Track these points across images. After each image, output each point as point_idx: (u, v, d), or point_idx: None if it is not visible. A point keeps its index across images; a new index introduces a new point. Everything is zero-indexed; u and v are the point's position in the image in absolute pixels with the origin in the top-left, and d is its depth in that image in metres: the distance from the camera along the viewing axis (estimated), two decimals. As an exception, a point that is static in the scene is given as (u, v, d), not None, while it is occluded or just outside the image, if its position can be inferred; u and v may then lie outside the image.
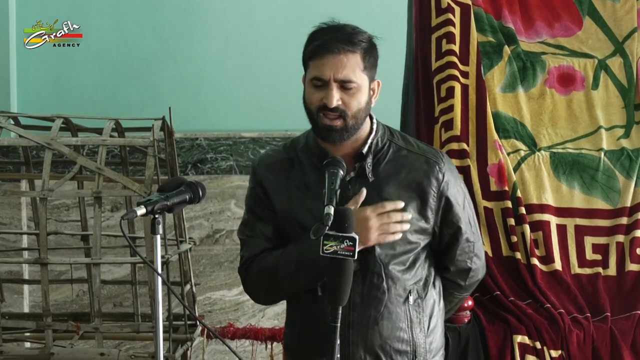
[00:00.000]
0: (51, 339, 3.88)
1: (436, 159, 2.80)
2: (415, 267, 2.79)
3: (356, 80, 2.66)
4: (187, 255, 4.37)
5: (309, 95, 2.70)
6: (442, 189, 2.78)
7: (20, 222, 5.29)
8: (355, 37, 2.68)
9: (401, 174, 2.75)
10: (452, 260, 2.88)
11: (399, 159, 2.77)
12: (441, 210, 2.80)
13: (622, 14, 3.94)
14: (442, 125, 3.74)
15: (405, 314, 2.77)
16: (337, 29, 2.72)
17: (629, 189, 3.70)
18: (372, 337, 2.74)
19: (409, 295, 2.77)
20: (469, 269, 2.91)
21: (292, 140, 2.88)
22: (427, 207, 2.77)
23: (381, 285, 2.73)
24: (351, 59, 2.65)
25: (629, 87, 3.86)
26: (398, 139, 2.82)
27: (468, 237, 2.86)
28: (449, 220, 2.82)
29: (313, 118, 2.70)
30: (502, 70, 3.87)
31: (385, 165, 2.76)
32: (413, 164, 2.77)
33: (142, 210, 2.54)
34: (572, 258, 3.62)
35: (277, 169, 2.81)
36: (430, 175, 2.77)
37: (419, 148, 2.82)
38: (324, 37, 2.69)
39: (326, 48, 2.66)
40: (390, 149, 2.78)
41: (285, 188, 2.78)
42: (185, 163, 5.35)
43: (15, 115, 4.39)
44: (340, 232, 2.49)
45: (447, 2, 3.82)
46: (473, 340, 3.38)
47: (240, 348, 4.72)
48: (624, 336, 3.39)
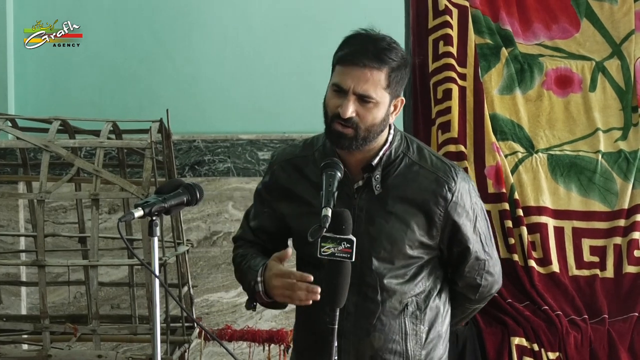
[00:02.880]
0: (49, 341, 3.87)
1: (447, 178, 2.72)
2: (416, 279, 2.75)
3: (375, 97, 2.60)
4: (184, 257, 4.36)
5: (328, 98, 2.66)
6: (450, 210, 2.71)
7: (18, 224, 5.28)
8: (387, 54, 2.61)
9: (408, 190, 2.70)
10: (460, 276, 2.82)
11: (409, 174, 2.71)
12: (447, 230, 2.73)
13: (620, 16, 3.95)
14: (439, 127, 3.74)
15: (400, 326, 2.74)
16: (372, 40, 2.63)
17: (626, 191, 3.70)
18: (364, 348, 2.73)
19: (406, 307, 2.74)
20: (479, 285, 2.84)
21: (312, 138, 2.85)
22: (433, 225, 2.71)
23: (375, 298, 2.72)
24: (375, 76, 2.60)
25: (626, 89, 3.86)
26: (413, 152, 2.75)
27: (478, 255, 2.79)
28: (457, 239, 2.76)
29: (327, 121, 2.67)
30: (500, 72, 3.87)
31: (394, 179, 2.71)
32: (422, 182, 2.71)
33: (140, 213, 2.54)
34: (569, 260, 3.63)
35: (292, 167, 2.79)
36: (437, 195, 2.70)
37: (432, 165, 2.74)
38: (355, 46, 2.62)
39: (352, 59, 2.60)
40: (402, 163, 2.73)
41: (297, 188, 2.76)
42: (182, 165, 5.35)
43: (13, 117, 4.39)
44: (337, 234, 2.49)
45: (445, 4, 3.83)
46: (471, 342, 3.39)
47: (237, 350, 4.72)
48: (622, 338, 3.39)
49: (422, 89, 3.82)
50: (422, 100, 3.81)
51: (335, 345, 2.53)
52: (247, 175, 5.37)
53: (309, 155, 2.79)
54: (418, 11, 3.88)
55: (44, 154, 3.90)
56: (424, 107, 3.80)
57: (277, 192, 2.82)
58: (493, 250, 2.86)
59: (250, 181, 5.35)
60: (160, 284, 2.61)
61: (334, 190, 2.56)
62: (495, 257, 2.87)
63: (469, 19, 3.86)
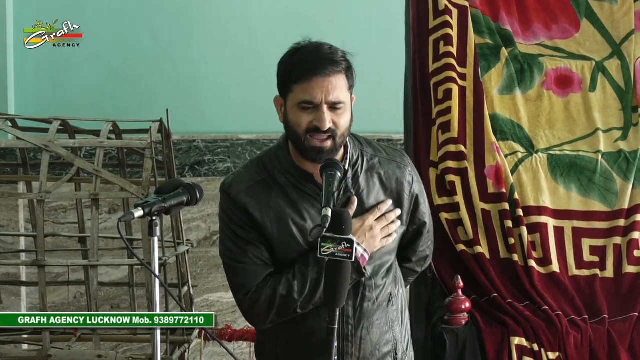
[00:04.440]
0: (49, 341, 3.88)
1: (404, 162, 2.83)
2: (392, 270, 2.84)
3: (344, 100, 2.63)
4: (184, 257, 4.37)
5: (296, 118, 2.63)
6: (413, 190, 2.83)
7: (18, 224, 5.28)
8: (336, 56, 2.64)
9: (377, 183, 2.77)
10: (414, 252, 2.94)
11: (372, 168, 2.78)
12: (411, 210, 2.85)
13: (620, 16, 3.94)
14: (440, 128, 3.74)
15: (387, 316, 2.81)
16: (317, 49, 2.66)
17: (626, 191, 3.70)
18: (365, 347, 2.77)
19: (390, 298, 2.81)
20: (427, 256, 2.99)
21: (258, 161, 2.77)
22: (404, 210, 2.81)
23: (371, 297, 2.77)
24: (339, 80, 2.62)
25: (626, 89, 3.86)
26: (366, 147, 2.81)
27: (429, 229, 2.93)
28: (416, 217, 2.87)
29: (300, 140, 2.64)
30: (500, 72, 3.87)
31: (362, 177, 2.75)
32: (387, 172, 2.79)
33: (140, 212, 2.54)
34: (569, 260, 3.63)
35: (257, 192, 2.71)
36: (403, 180, 2.80)
37: (387, 154, 2.82)
38: (307, 60, 2.63)
39: (314, 71, 2.60)
40: (363, 159, 2.77)
41: (272, 209, 2.70)
42: (182, 165, 5.35)
43: (13, 117, 4.39)
44: (337, 234, 2.50)
45: (445, 4, 3.83)
46: (470, 343, 3.38)
47: (237, 350, 4.72)
48: (622, 338, 3.39)
49: (422, 89, 3.82)
50: (422, 101, 3.81)
51: (335, 345, 2.53)
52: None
53: (267, 178, 2.72)
54: (418, 11, 3.88)
55: (44, 154, 3.90)
56: (424, 107, 3.80)
57: (252, 219, 2.70)
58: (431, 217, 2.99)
59: (250, 181, 5.35)
60: (160, 284, 2.62)
61: (334, 190, 2.57)
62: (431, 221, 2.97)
63: (469, 19, 3.86)
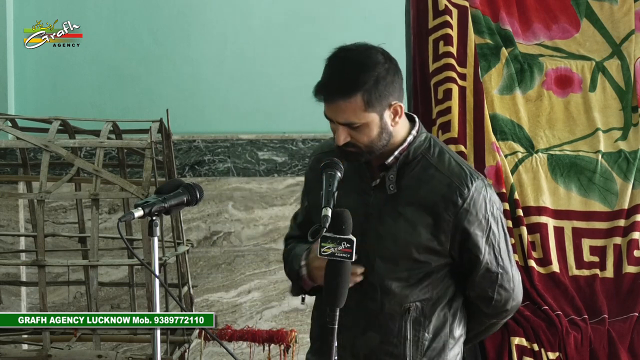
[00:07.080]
0: (49, 341, 3.87)
1: (460, 184, 2.66)
2: (422, 285, 2.71)
3: (359, 121, 2.59)
4: (184, 257, 4.36)
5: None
6: (460, 216, 2.65)
7: (18, 224, 5.28)
8: (354, 81, 2.57)
9: (420, 193, 2.66)
10: (472, 285, 2.76)
11: (424, 176, 2.67)
12: (458, 237, 2.68)
13: (620, 16, 3.95)
14: (440, 128, 3.74)
15: (400, 329, 2.70)
16: (338, 70, 2.61)
17: (626, 191, 3.70)
18: (359, 345, 2.72)
19: (408, 311, 2.70)
20: (491, 298, 2.76)
21: None
22: (441, 231, 2.66)
23: (375, 297, 2.70)
24: (349, 105, 2.57)
25: (626, 89, 3.86)
26: (433, 155, 2.71)
27: (489, 267, 2.72)
28: (467, 247, 2.70)
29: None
30: (500, 72, 3.87)
31: (408, 180, 2.68)
32: (435, 185, 2.66)
33: (140, 212, 2.54)
34: (569, 260, 3.63)
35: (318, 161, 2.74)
36: (447, 200, 2.65)
37: (448, 169, 2.68)
38: (321, 82, 2.61)
39: (322, 96, 2.60)
40: (419, 164, 2.69)
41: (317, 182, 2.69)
42: (182, 165, 5.35)
43: (13, 117, 4.39)
44: (337, 234, 2.49)
45: (445, 4, 3.83)
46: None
47: (237, 350, 4.72)
48: (622, 338, 3.39)
49: (422, 90, 3.82)
50: (422, 101, 3.81)
51: (335, 345, 2.53)
52: (247, 175, 5.37)
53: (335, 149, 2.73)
54: (418, 11, 3.87)
55: (44, 154, 3.90)
56: (424, 107, 3.80)
57: (307, 184, 2.88)
58: (509, 266, 2.77)
59: (250, 181, 5.36)
60: (160, 284, 2.62)
61: (334, 190, 2.57)
62: (511, 273, 2.77)
63: (468, 19, 3.86)
